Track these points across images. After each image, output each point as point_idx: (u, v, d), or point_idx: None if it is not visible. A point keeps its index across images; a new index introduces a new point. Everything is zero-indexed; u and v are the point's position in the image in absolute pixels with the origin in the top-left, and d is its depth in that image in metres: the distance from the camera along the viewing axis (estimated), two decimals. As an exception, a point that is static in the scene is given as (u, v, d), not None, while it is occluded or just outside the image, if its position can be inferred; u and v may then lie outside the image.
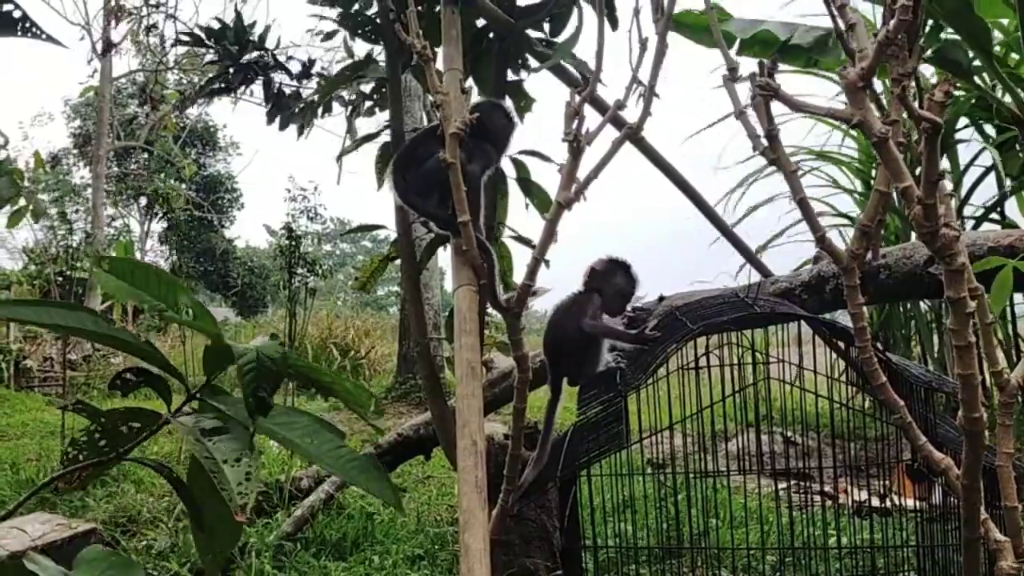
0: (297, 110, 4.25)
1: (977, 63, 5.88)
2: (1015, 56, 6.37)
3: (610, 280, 2.62)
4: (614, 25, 3.20)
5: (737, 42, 5.86)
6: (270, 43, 4.19)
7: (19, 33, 1.10)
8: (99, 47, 19.24)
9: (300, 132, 4.31)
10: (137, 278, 1.27)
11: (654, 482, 3.90)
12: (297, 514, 4.53)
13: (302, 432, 1.26)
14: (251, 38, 4.13)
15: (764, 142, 1.65)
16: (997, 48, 6.14)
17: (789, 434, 6.18)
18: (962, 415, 1.45)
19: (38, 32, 1.11)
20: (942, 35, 5.72)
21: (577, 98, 1.71)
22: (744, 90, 1.71)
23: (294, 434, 1.25)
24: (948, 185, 1.51)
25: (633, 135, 1.77)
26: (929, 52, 5.50)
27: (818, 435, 3.70)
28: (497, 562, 3.39)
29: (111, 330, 1.25)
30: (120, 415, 1.25)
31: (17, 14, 1.09)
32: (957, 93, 6.60)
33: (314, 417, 1.31)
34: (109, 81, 19.56)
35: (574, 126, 1.69)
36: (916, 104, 1.32)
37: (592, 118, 1.93)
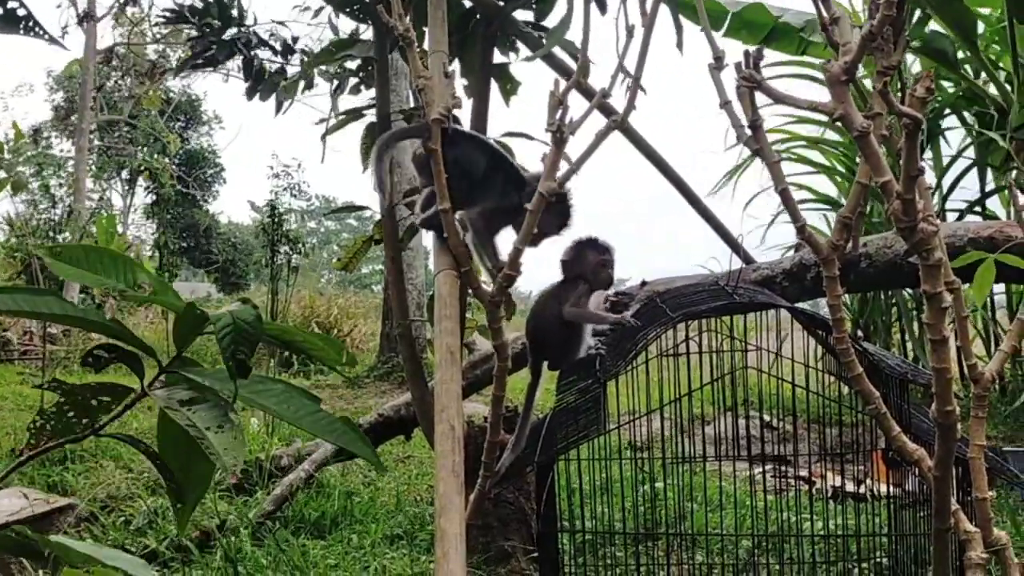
0: (281, 86, 4.22)
1: (962, 54, 5.91)
2: (996, 47, 6.39)
3: (585, 260, 2.59)
4: (603, 9, 3.18)
5: (727, 21, 5.86)
6: (250, 20, 4.16)
7: (22, 31, 1.10)
8: (81, 18, 18.97)
9: (278, 108, 4.28)
10: (91, 262, 1.28)
11: (631, 466, 3.93)
12: (276, 492, 4.54)
13: (278, 399, 1.27)
14: (233, 13, 4.10)
15: (748, 132, 1.66)
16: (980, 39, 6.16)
17: (767, 418, 6.23)
18: (935, 408, 1.47)
19: (41, 32, 1.12)
20: (927, 27, 5.74)
21: (561, 87, 1.70)
22: (730, 78, 1.71)
23: (270, 401, 1.26)
24: (928, 180, 1.52)
25: (618, 126, 1.77)
26: (915, 43, 5.52)
27: (794, 420, 3.73)
28: (473, 544, 3.42)
29: (75, 311, 1.26)
30: (90, 389, 1.25)
31: (22, 12, 1.09)
32: (944, 84, 6.63)
33: (288, 384, 1.31)
34: (93, 54, 19.29)
35: (558, 116, 1.68)
36: (900, 97, 1.32)
37: (579, 104, 1.92)
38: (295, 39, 4.28)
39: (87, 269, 1.26)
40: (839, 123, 1.36)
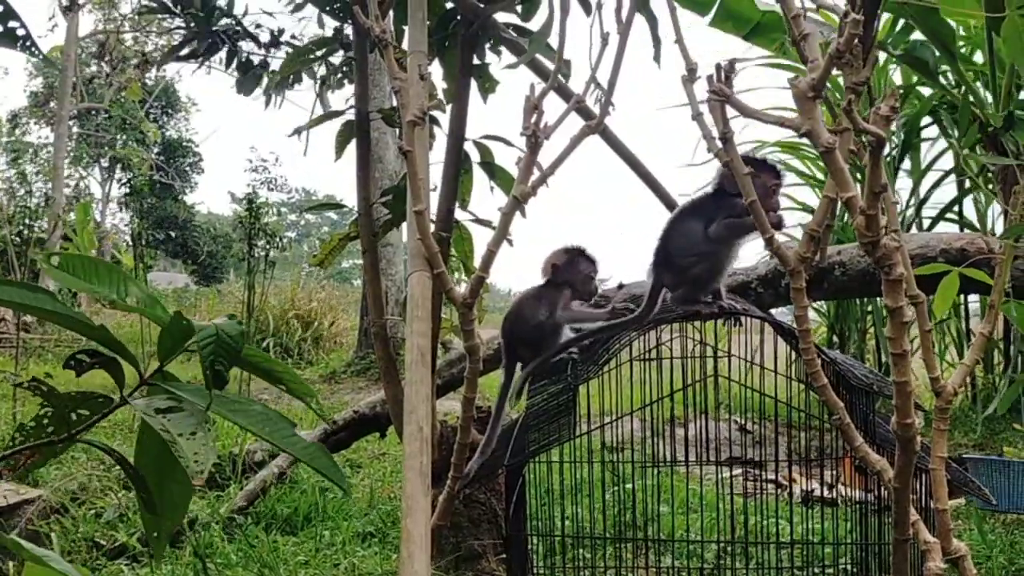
0: (265, 81, 4.20)
1: (942, 63, 5.96)
2: (978, 59, 6.46)
3: (576, 268, 2.62)
4: (587, 10, 3.17)
5: (713, 9, 5.86)
6: (237, 10, 4.13)
7: (18, 48, 1.14)
8: (64, 2, 18.80)
9: (268, 102, 4.26)
10: (87, 272, 1.31)
11: (602, 470, 3.94)
12: (249, 488, 4.52)
13: (254, 420, 1.30)
14: (218, 4, 4.07)
15: (719, 144, 1.68)
16: (962, 47, 6.22)
17: (741, 421, 6.27)
18: (895, 420, 1.49)
19: (36, 52, 1.15)
20: (911, 36, 5.80)
21: (537, 92, 1.71)
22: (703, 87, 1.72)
23: (247, 421, 1.30)
24: (906, 188, 1.55)
25: (592, 132, 1.78)
26: (898, 51, 5.57)
27: (761, 425, 3.76)
28: (443, 544, 3.43)
29: (68, 311, 1.29)
30: (72, 399, 1.27)
31: (21, 32, 1.13)
32: (924, 91, 6.70)
33: (266, 407, 1.34)
34: (75, 41, 19.12)
35: (533, 120, 1.69)
36: (871, 107, 1.34)
37: (558, 107, 1.93)
38: (280, 31, 4.25)
39: (82, 279, 1.30)
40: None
